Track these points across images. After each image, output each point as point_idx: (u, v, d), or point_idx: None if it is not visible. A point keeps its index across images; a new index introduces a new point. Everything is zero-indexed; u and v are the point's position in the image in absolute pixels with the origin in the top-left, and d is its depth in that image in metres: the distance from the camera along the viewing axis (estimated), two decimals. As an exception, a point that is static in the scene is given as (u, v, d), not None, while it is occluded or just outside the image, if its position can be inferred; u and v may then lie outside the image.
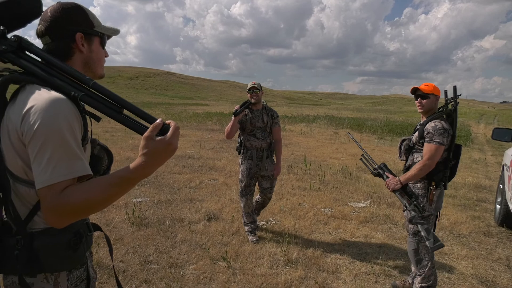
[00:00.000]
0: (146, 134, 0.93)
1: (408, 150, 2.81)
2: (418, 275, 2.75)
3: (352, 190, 5.99)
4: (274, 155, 3.94)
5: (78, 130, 0.97)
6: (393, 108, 62.16)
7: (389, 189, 2.72)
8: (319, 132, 15.04)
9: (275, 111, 3.91)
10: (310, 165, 7.71)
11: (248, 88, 3.71)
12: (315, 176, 6.85)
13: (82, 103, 1.00)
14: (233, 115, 3.60)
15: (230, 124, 3.66)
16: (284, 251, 3.47)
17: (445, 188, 2.73)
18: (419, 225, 2.61)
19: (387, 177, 2.76)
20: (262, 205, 4.11)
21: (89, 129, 1.07)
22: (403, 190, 2.69)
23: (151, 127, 0.94)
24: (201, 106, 36.13)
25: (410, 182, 2.73)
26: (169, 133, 0.94)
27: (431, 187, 2.62)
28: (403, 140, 2.87)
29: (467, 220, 4.72)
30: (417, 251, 2.73)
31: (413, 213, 2.64)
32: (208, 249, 3.50)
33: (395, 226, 4.43)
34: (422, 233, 2.59)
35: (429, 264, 2.70)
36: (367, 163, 2.87)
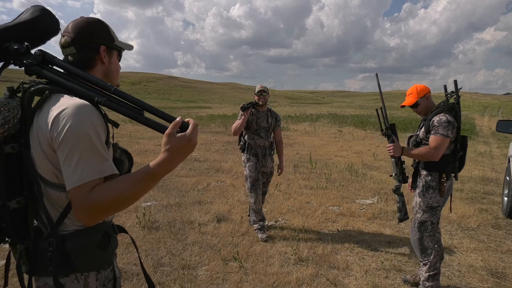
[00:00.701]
0: (167, 131, 0.99)
1: (416, 146, 2.85)
2: (424, 264, 2.78)
3: (359, 187, 6.02)
4: (275, 154, 4.23)
5: (103, 134, 1.02)
6: (396, 104, 61.71)
7: (389, 152, 2.85)
8: (323, 131, 15.06)
9: (278, 114, 4.20)
10: (315, 164, 7.74)
11: (256, 91, 3.97)
12: (321, 175, 6.89)
13: (103, 110, 1.06)
14: (241, 110, 3.82)
15: (239, 122, 3.84)
16: (295, 250, 3.51)
17: (456, 179, 2.81)
18: (397, 196, 2.87)
19: (393, 141, 2.84)
20: None
21: (111, 134, 1.13)
22: (399, 159, 2.86)
23: (171, 124, 1.00)
24: (204, 109, 36.21)
25: (422, 175, 2.78)
26: (189, 130, 1.00)
27: (443, 179, 2.67)
28: (410, 137, 2.92)
29: (475, 213, 4.74)
30: (421, 240, 2.76)
31: (398, 183, 2.86)
32: (219, 250, 3.55)
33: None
34: (398, 205, 2.87)
35: (433, 252, 2.74)
36: (381, 119, 2.94)
